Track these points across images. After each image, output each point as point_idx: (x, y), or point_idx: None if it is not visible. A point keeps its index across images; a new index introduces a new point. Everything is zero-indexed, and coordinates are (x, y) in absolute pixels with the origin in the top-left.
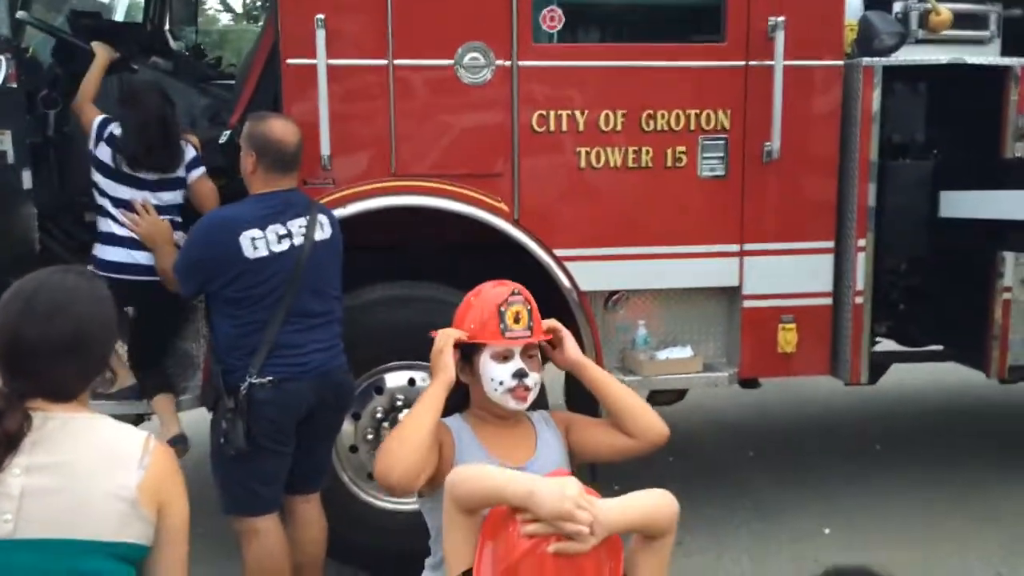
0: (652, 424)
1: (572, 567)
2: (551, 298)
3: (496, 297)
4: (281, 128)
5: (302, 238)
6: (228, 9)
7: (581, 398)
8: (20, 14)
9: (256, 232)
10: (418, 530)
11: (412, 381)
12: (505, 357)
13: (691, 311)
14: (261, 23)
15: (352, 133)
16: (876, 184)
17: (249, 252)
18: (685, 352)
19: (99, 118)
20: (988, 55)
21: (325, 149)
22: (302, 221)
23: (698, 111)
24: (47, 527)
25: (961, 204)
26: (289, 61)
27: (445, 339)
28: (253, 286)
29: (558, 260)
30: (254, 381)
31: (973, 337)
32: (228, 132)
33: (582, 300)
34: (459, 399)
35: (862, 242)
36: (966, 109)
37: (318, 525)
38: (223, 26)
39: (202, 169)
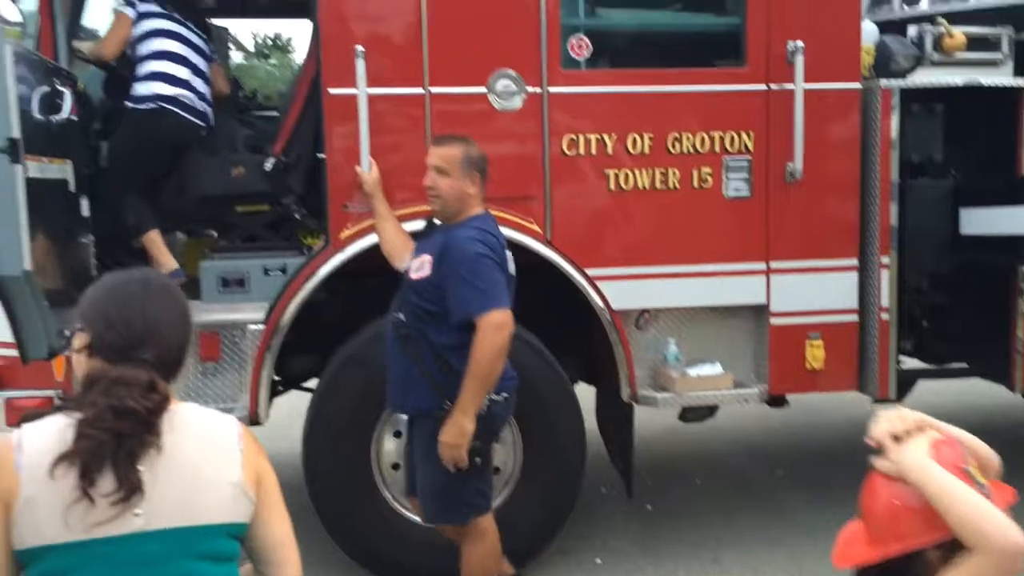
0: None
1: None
2: (584, 317)
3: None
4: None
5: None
6: (240, 48)
7: (610, 420)
8: (74, 43)
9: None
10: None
11: None
12: None
13: (720, 328)
14: (273, 60)
15: (391, 159)
16: (898, 203)
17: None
18: (715, 369)
19: None
20: (1001, 77)
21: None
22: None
23: (722, 133)
24: (173, 517)
25: (981, 221)
26: (330, 91)
27: None
28: None
29: (590, 280)
30: (494, 397)
31: (996, 353)
32: (273, 159)
33: (614, 318)
34: None
35: (885, 259)
36: (982, 129)
37: None
38: (235, 64)
39: None
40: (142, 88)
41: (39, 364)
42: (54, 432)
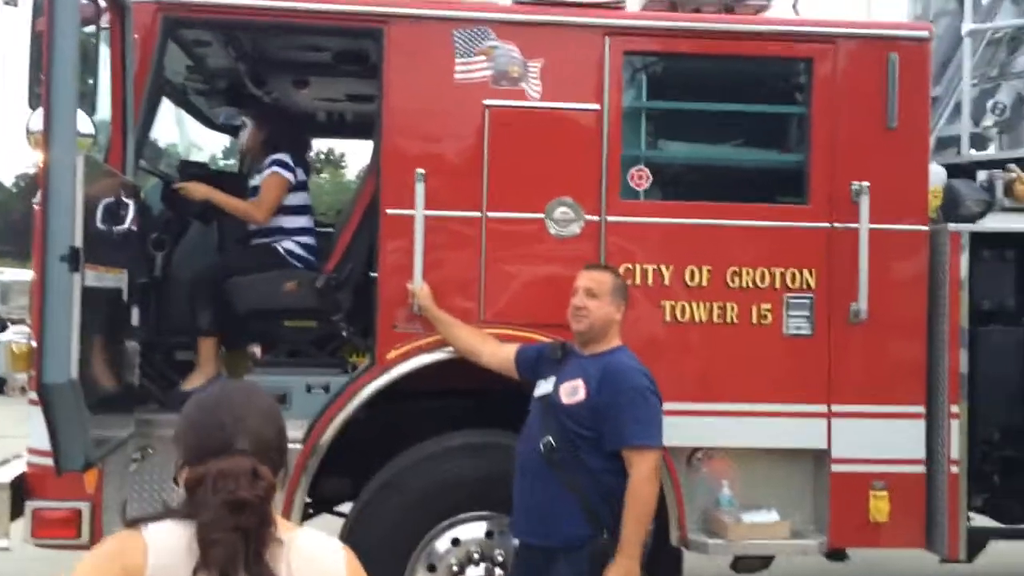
0: None
1: None
2: None
3: None
4: None
5: None
6: None
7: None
8: (140, 163)
9: None
10: None
11: (491, 534)
12: None
13: (777, 473)
14: (324, 175)
15: (444, 281)
16: (968, 350)
17: None
18: (771, 516)
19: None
20: None
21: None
22: None
23: (783, 270)
24: None
25: None
26: (388, 211)
27: None
28: None
29: None
30: None
31: None
32: (324, 276)
33: (664, 456)
34: None
35: (955, 408)
36: None
37: None
38: None
39: None
40: (295, 249)
41: (72, 475)
42: (180, 537)
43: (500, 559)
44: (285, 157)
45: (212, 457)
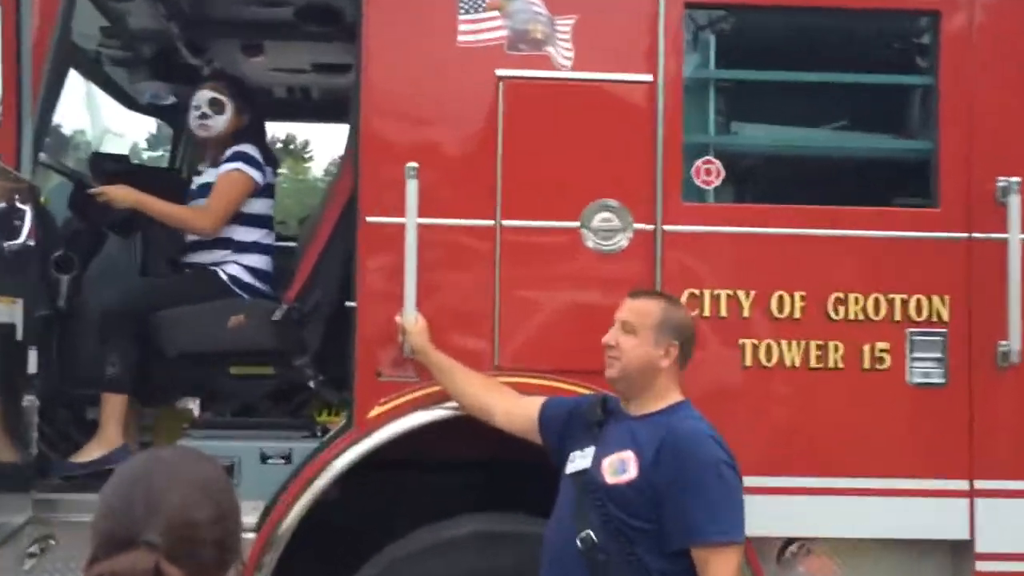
0: None
1: None
2: None
3: None
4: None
5: None
6: None
7: None
8: (41, 156)
9: None
10: None
11: None
12: None
13: (901, 572)
14: (283, 169)
15: (444, 312)
16: None
17: None
18: None
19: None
20: None
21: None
22: None
23: (905, 296)
24: None
25: None
26: (368, 219)
27: None
28: None
29: None
30: None
31: None
32: (284, 308)
33: (746, 549)
34: None
35: None
36: None
37: None
38: None
39: None
40: (242, 275)
41: None
42: None
43: None
44: (252, 150)
45: (117, 551)
